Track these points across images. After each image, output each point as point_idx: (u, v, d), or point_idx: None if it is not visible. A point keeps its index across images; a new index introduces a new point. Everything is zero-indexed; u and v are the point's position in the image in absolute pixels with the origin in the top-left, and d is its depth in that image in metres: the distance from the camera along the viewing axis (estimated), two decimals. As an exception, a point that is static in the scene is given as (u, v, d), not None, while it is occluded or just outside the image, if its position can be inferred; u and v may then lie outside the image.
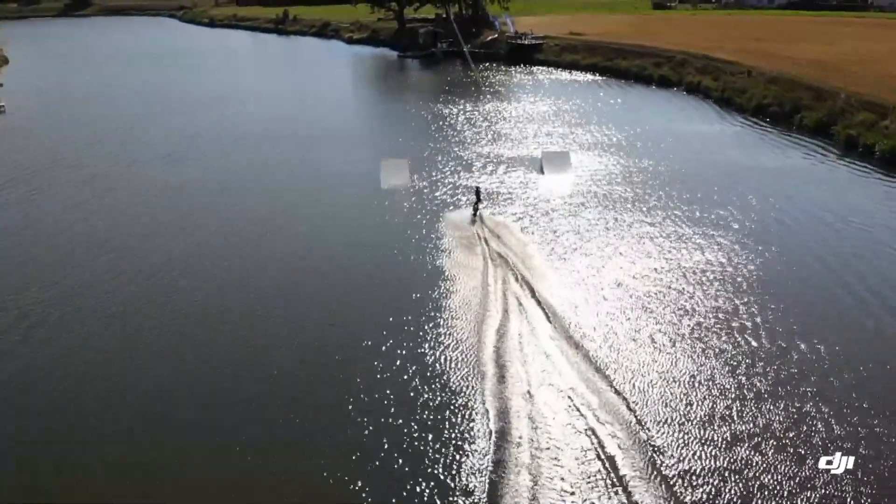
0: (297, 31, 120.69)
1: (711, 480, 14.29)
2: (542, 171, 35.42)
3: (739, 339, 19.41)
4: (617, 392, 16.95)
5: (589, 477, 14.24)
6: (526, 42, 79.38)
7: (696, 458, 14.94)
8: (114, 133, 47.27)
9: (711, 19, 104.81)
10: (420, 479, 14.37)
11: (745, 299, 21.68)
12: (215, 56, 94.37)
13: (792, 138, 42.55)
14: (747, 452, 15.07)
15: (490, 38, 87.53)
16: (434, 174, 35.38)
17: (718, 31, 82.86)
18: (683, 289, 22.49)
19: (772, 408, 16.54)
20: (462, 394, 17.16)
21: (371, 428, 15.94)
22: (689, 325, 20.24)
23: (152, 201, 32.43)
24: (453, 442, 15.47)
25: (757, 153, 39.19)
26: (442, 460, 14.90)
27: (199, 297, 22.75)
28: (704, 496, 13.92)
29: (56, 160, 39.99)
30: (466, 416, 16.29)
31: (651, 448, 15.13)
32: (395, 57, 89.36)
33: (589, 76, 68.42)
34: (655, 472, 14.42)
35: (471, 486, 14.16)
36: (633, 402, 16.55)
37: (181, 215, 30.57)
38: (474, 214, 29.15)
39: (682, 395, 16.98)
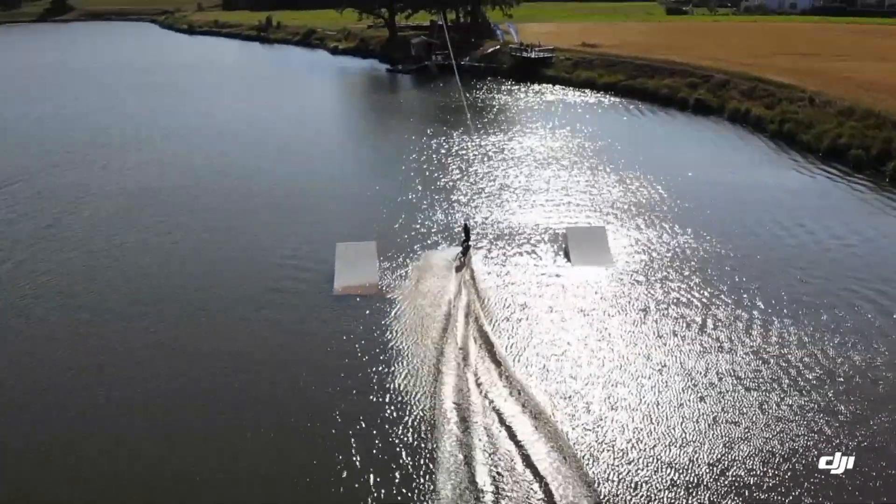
0: (280, 39, 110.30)
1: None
2: (566, 257, 24.89)
3: None
4: None
5: None
6: (533, 55, 68.78)
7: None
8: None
9: (738, 27, 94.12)
10: None
11: None
12: (176, 70, 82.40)
13: (891, 195, 32.06)
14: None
15: (491, 49, 76.98)
16: (413, 262, 24.81)
17: (753, 43, 72.47)
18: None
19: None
20: None
21: None
22: None
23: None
24: None
25: (860, 223, 28.40)
26: None
27: None
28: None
29: None
30: None
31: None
32: (383, 71, 78.75)
33: (609, 98, 57.82)
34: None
35: None
36: None
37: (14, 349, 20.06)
38: (462, 258, 24.66)
39: None
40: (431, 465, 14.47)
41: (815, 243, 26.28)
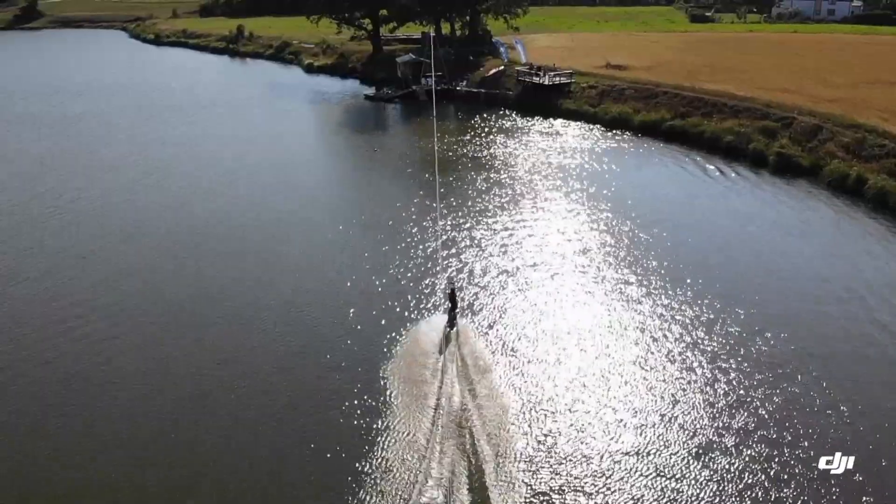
0: (250, 52, 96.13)
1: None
2: None
3: None
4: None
5: None
6: (546, 82, 54.54)
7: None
8: None
9: (781, 40, 79.68)
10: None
11: None
12: (115, 94, 67.08)
13: None
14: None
15: (494, 70, 62.77)
16: None
17: (817, 63, 58.51)
18: None
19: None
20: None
21: None
22: None
23: None
24: None
25: None
26: None
27: None
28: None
29: None
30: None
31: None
32: (363, 98, 64.29)
33: (650, 143, 43.72)
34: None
35: None
36: None
37: None
38: (449, 330, 20.10)
39: None
40: None
41: None
